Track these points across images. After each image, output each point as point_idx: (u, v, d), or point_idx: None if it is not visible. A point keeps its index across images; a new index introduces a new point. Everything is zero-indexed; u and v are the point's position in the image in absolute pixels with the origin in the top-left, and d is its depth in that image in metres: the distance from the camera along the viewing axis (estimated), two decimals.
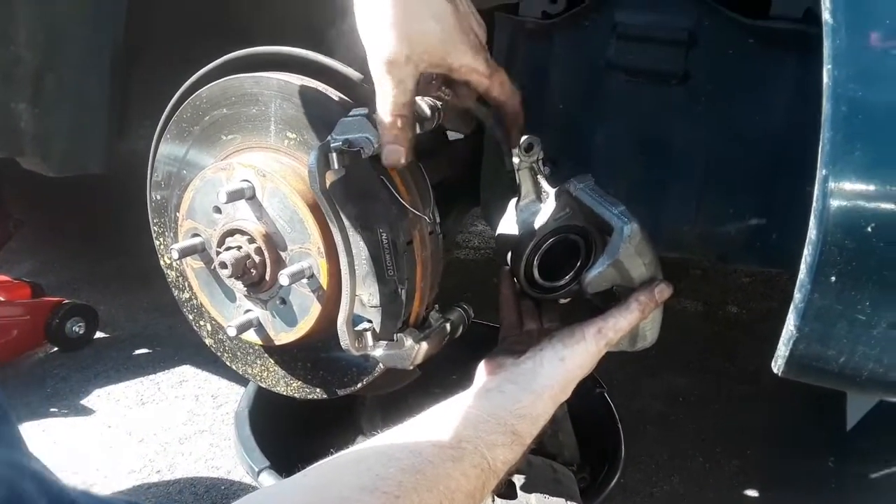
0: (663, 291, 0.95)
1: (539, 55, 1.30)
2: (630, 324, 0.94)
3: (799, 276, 0.70)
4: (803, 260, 0.68)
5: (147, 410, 2.11)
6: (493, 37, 1.29)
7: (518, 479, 1.22)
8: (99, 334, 2.42)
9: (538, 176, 1.04)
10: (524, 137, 1.01)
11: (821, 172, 0.64)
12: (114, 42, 1.56)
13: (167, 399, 2.16)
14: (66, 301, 2.34)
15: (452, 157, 1.40)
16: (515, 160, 1.02)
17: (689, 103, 1.24)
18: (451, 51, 0.86)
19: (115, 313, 2.53)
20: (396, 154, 0.88)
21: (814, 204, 0.65)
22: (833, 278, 0.66)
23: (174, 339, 2.29)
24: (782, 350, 0.75)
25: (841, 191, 0.63)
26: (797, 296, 0.70)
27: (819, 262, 0.65)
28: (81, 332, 2.35)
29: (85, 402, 2.12)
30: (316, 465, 0.77)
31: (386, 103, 0.85)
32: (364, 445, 0.80)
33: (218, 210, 1.05)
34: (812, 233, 0.66)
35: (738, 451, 1.92)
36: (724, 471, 1.86)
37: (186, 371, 2.28)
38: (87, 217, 2.54)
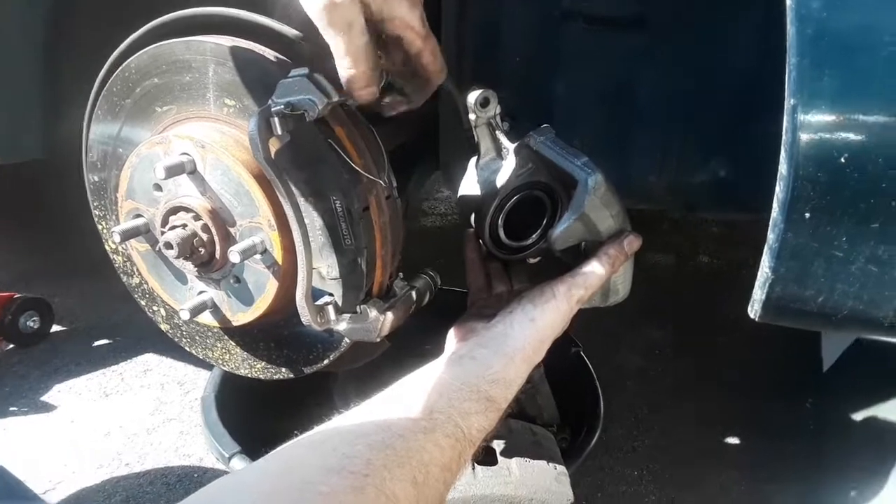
0: (632, 243, 0.92)
1: (490, 7, 1.25)
2: (601, 279, 0.91)
3: (772, 215, 0.67)
4: (775, 198, 0.65)
5: (112, 402, 2.05)
6: None
7: (498, 445, 1.19)
8: (56, 327, 2.34)
9: (497, 132, 1.01)
10: (479, 91, 0.96)
11: (788, 102, 0.60)
12: (43, 20, 1.48)
13: (132, 389, 2.10)
14: (18, 295, 2.25)
15: (408, 122, 1.35)
16: (472, 116, 0.98)
17: (649, 48, 1.20)
18: None
19: (72, 304, 2.45)
20: (371, 94, 0.84)
21: (783, 136, 0.61)
22: (807, 215, 0.63)
23: (135, 328, 2.22)
24: (758, 294, 0.72)
25: (810, 121, 0.59)
26: (770, 236, 0.67)
27: (792, 198, 0.62)
28: (36, 326, 2.27)
29: (46, 398, 2.06)
30: (278, 449, 0.73)
31: (341, 53, 0.79)
32: (329, 425, 0.76)
33: (158, 188, 0.99)
34: (783, 167, 0.62)
35: (718, 399, 1.94)
36: (705, 420, 1.88)
37: (150, 359, 2.22)
38: (33, 207, 2.45)
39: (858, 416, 1.64)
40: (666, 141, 1.25)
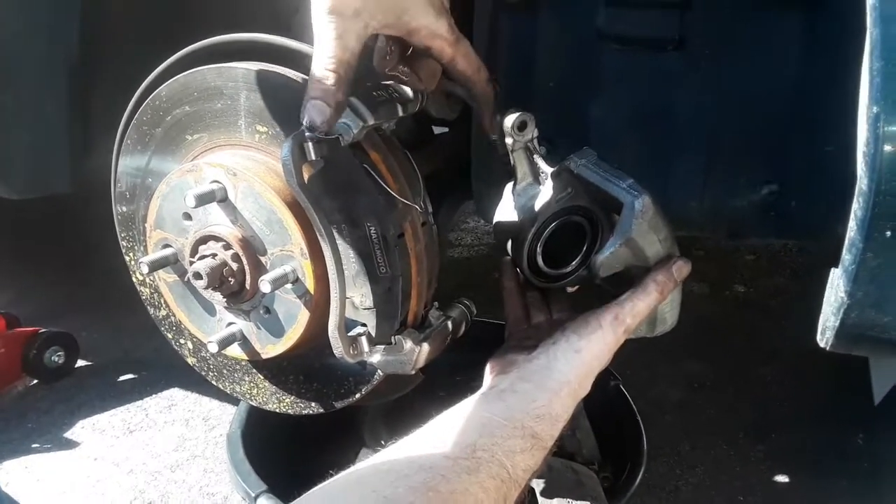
0: (682, 269, 0.88)
1: (524, 30, 1.23)
2: (649, 307, 0.87)
3: (848, 235, 0.62)
4: (852, 215, 0.60)
5: (135, 439, 2.02)
6: (474, 15, 1.21)
7: (537, 485, 1.14)
8: (81, 362, 2.33)
9: (534, 156, 0.98)
10: (516, 115, 0.93)
11: (870, 110, 0.55)
12: (68, 55, 1.50)
13: (156, 425, 2.08)
14: (43, 330, 2.24)
15: (439, 149, 1.33)
16: (509, 141, 0.95)
17: (688, 70, 1.17)
18: (409, 8, 0.76)
19: (98, 339, 2.44)
20: (317, 111, 0.75)
21: (863, 148, 0.57)
22: (888, 233, 0.58)
23: (161, 362, 2.20)
24: (831, 321, 0.67)
25: None
26: (847, 257, 0.62)
27: (873, 215, 0.57)
28: (61, 361, 2.26)
29: (69, 434, 2.03)
30: (314, 490, 0.69)
31: (320, 56, 0.75)
32: (366, 464, 0.71)
33: (188, 217, 0.96)
34: (862, 182, 0.57)
35: (762, 436, 1.85)
36: (750, 458, 1.80)
37: (175, 394, 2.20)
38: (63, 240, 2.46)
39: None
40: (708, 165, 1.21)
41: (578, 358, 0.83)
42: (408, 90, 0.90)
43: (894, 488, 1.61)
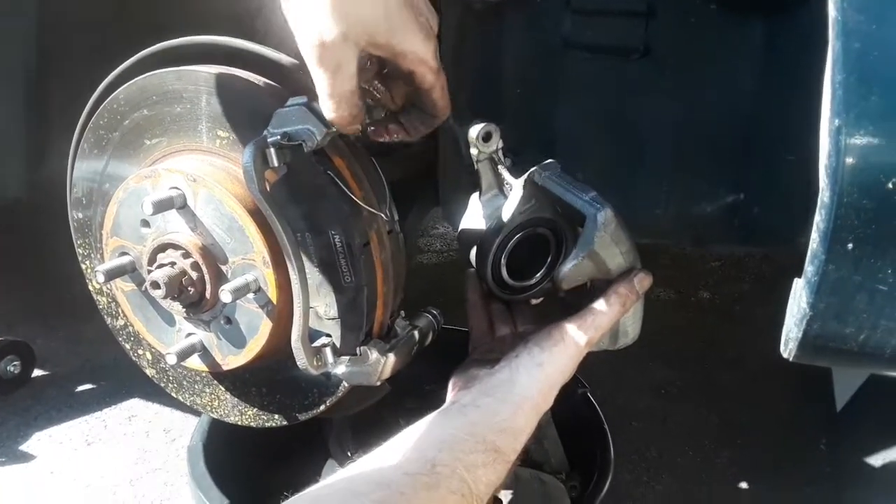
0: (643, 281, 0.88)
1: (491, 37, 1.23)
2: (611, 319, 0.87)
3: (810, 247, 0.62)
4: (814, 227, 0.60)
5: (94, 451, 1.95)
6: (441, 22, 1.21)
7: (505, 496, 1.12)
8: (37, 372, 2.25)
9: (499, 167, 0.97)
10: (481, 125, 0.93)
11: (832, 123, 0.56)
12: (24, 60, 1.46)
13: (115, 437, 2.01)
14: None
15: (407, 156, 1.32)
16: (474, 151, 0.94)
17: (653, 78, 1.18)
18: (398, 30, 0.74)
19: (55, 348, 2.36)
20: (353, 132, 0.80)
21: (825, 160, 0.57)
22: (850, 245, 0.58)
23: (120, 372, 2.13)
24: (794, 332, 0.67)
25: (857, 143, 0.55)
26: (809, 269, 0.62)
27: (834, 227, 0.57)
28: (16, 371, 2.18)
29: (24, 447, 1.96)
30: None
31: (325, 94, 0.74)
32: (325, 483, 0.70)
33: (146, 224, 0.94)
34: (824, 194, 0.57)
35: (728, 442, 1.87)
36: (716, 464, 1.81)
37: (135, 405, 2.14)
38: (17, 246, 2.39)
39: (876, 460, 1.58)
40: (673, 173, 1.21)
41: (541, 371, 0.82)
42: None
43: (856, 494, 1.63)
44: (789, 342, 0.69)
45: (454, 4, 1.23)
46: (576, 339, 0.84)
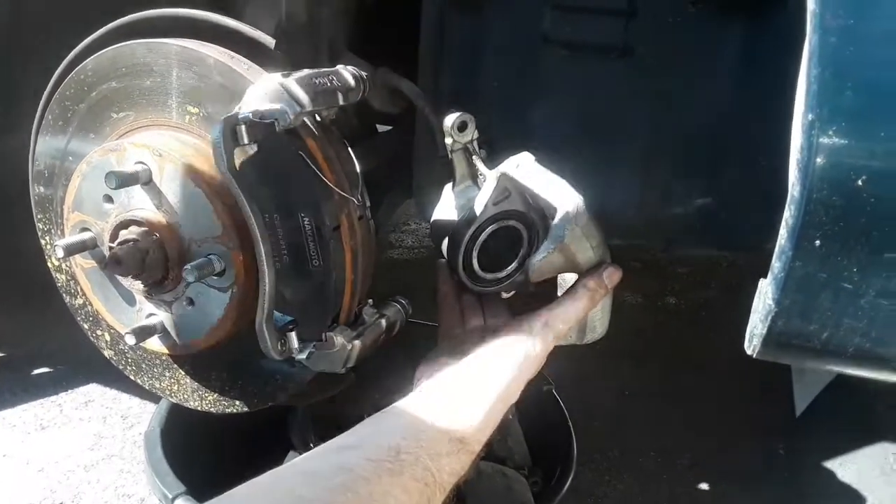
0: (612, 275, 0.88)
1: (470, 30, 1.22)
2: (579, 313, 0.87)
3: (778, 243, 0.62)
4: (783, 223, 0.61)
5: (48, 436, 1.91)
6: (421, 10, 1.20)
7: (467, 488, 1.12)
8: None
9: (473, 157, 0.96)
10: (457, 115, 0.92)
11: (805, 118, 0.56)
12: None
13: (71, 422, 1.96)
14: None
15: (381, 146, 1.31)
16: (448, 141, 0.93)
17: (631, 78, 1.18)
18: None
19: (10, 329, 2.29)
20: None
21: (797, 155, 0.57)
22: (818, 242, 0.59)
23: (78, 356, 2.06)
24: (759, 328, 0.67)
25: (829, 139, 0.55)
26: (776, 265, 0.63)
27: (803, 223, 0.58)
28: None
29: None
30: (230, 492, 0.65)
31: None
32: (286, 466, 0.68)
33: (109, 199, 0.91)
34: (794, 189, 0.58)
35: (690, 444, 1.89)
36: (677, 465, 1.83)
37: (92, 390, 2.09)
38: None
39: (834, 465, 1.61)
40: (646, 174, 1.22)
41: (509, 364, 0.82)
42: (349, 78, 0.88)
43: (814, 497, 1.66)
44: (753, 339, 0.69)
45: None
46: (544, 332, 0.84)
